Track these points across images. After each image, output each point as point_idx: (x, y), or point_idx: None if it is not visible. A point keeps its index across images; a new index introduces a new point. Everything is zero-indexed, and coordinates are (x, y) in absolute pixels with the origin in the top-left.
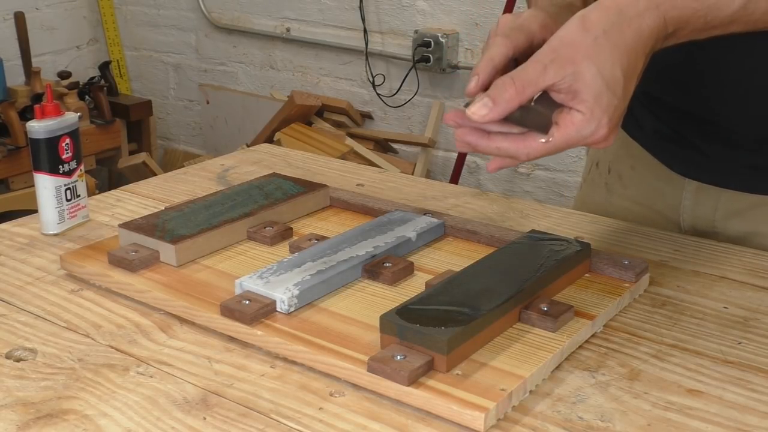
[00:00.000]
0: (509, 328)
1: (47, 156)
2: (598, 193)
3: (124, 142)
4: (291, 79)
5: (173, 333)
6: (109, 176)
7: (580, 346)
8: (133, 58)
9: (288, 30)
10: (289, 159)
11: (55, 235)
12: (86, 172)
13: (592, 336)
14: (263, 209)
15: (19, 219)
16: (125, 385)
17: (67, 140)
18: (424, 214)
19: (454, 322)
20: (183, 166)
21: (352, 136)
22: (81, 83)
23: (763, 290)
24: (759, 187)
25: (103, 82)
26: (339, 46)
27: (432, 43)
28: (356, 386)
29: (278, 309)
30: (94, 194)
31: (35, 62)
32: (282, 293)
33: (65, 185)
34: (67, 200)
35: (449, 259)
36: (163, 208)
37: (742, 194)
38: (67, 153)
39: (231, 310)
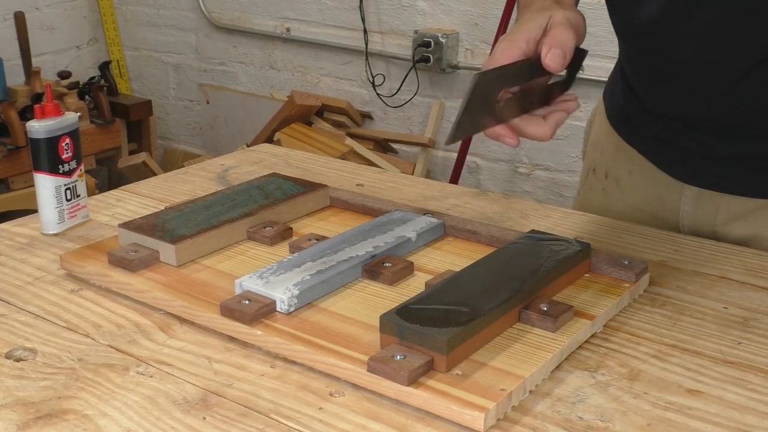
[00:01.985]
0: (509, 328)
1: (47, 156)
2: (595, 199)
3: (124, 142)
4: (291, 79)
5: (173, 333)
6: (109, 176)
7: (580, 346)
8: (133, 58)
9: (288, 30)
10: (289, 159)
11: (55, 235)
12: (86, 172)
13: (592, 336)
14: (263, 209)
15: (19, 219)
16: (125, 384)
17: (67, 140)
18: (424, 214)
19: (454, 322)
20: (183, 166)
21: (352, 136)
22: (81, 83)
23: (762, 290)
24: (760, 191)
25: (103, 82)
26: (339, 46)
27: (432, 43)
28: (356, 386)
29: (278, 309)
30: (94, 194)
31: (35, 62)
32: (282, 293)
33: (65, 185)
34: (67, 200)
35: (449, 259)
36: (163, 208)
37: (743, 198)
38: (67, 153)
39: (231, 310)
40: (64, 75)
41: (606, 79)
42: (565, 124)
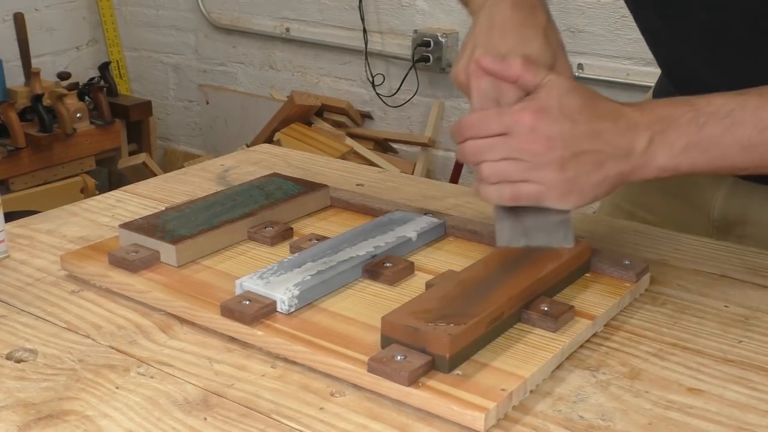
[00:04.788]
0: (510, 329)
1: None
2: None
3: (124, 143)
4: (291, 79)
5: (174, 333)
6: (109, 177)
7: (581, 345)
8: (133, 59)
9: (287, 30)
10: (289, 159)
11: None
12: (86, 172)
13: (593, 335)
14: (264, 209)
15: (19, 220)
16: (126, 385)
17: None
18: (425, 214)
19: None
20: (183, 167)
21: (352, 136)
22: (81, 84)
23: (763, 289)
24: None
25: (102, 82)
26: (339, 46)
27: (431, 42)
28: (357, 386)
29: (278, 309)
30: (94, 195)
31: (35, 63)
32: (282, 293)
33: None
34: None
35: (450, 259)
36: (163, 208)
37: None
38: None
39: (231, 310)
40: (63, 76)
41: (605, 78)
42: None
